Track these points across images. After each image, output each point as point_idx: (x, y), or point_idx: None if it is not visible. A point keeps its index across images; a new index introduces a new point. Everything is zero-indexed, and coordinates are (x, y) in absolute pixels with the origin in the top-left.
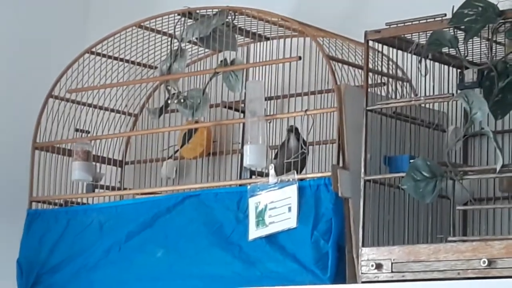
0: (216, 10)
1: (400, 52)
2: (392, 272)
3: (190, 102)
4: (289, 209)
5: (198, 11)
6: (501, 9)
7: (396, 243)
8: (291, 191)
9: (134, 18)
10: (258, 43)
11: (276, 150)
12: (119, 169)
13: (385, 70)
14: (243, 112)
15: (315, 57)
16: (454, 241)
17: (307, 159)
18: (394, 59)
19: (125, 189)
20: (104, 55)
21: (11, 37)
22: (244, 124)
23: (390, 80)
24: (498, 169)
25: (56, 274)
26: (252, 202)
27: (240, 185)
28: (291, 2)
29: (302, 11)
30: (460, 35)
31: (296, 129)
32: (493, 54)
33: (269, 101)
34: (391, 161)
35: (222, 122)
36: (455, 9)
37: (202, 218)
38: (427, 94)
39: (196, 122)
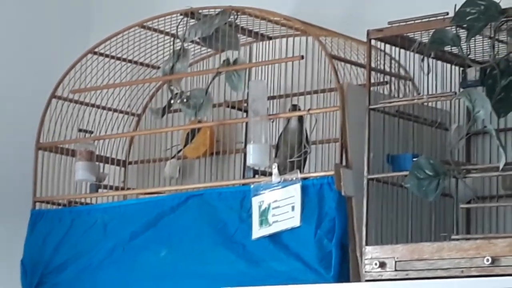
0: (219, 9)
1: (402, 50)
2: (395, 270)
3: (193, 101)
4: (293, 208)
5: (200, 11)
6: (503, 7)
7: (399, 241)
8: (294, 190)
9: (137, 18)
10: (261, 43)
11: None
12: (123, 169)
13: (387, 68)
14: (246, 111)
15: (317, 56)
16: (458, 239)
17: (309, 156)
18: (397, 58)
19: (128, 189)
20: (107, 55)
21: (14, 38)
22: (247, 123)
23: (393, 78)
24: (501, 167)
25: (60, 274)
26: (255, 201)
27: (244, 184)
28: (293, 2)
29: (305, 10)
30: (463, 33)
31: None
32: (495, 52)
33: (272, 101)
34: (394, 159)
35: (225, 121)
36: (457, 8)
37: (206, 217)
38: (430, 92)
39: (199, 121)
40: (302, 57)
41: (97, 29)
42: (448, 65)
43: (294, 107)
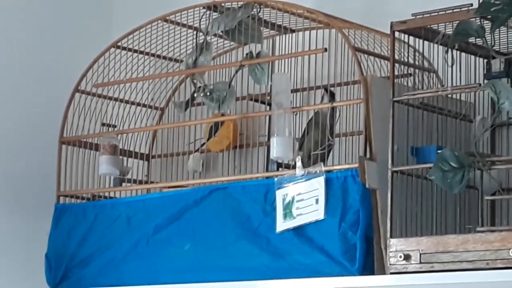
0: (241, 2)
1: (426, 42)
2: (420, 263)
3: (216, 95)
4: (317, 201)
5: (223, 4)
6: None
7: (424, 234)
8: (318, 183)
9: (159, 12)
10: (284, 36)
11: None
12: (146, 162)
13: (411, 60)
14: (269, 104)
15: (341, 48)
16: (483, 232)
17: (333, 149)
18: (421, 50)
19: (152, 182)
20: (130, 49)
21: (37, 32)
22: (270, 116)
23: (417, 71)
24: None
25: (85, 268)
26: (279, 194)
27: (267, 177)
28: None
29: (328, 2)
30: (487, 24)
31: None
32: None
33: (295, 93)
34: (418, 152)
35: (248, 114)
36: None
37: (230, 210)
38: (454, 84)
39: (223, 115)
40: (326, 50)
41: (119, 23)
42: (473, 57)
43: (326, 91)
